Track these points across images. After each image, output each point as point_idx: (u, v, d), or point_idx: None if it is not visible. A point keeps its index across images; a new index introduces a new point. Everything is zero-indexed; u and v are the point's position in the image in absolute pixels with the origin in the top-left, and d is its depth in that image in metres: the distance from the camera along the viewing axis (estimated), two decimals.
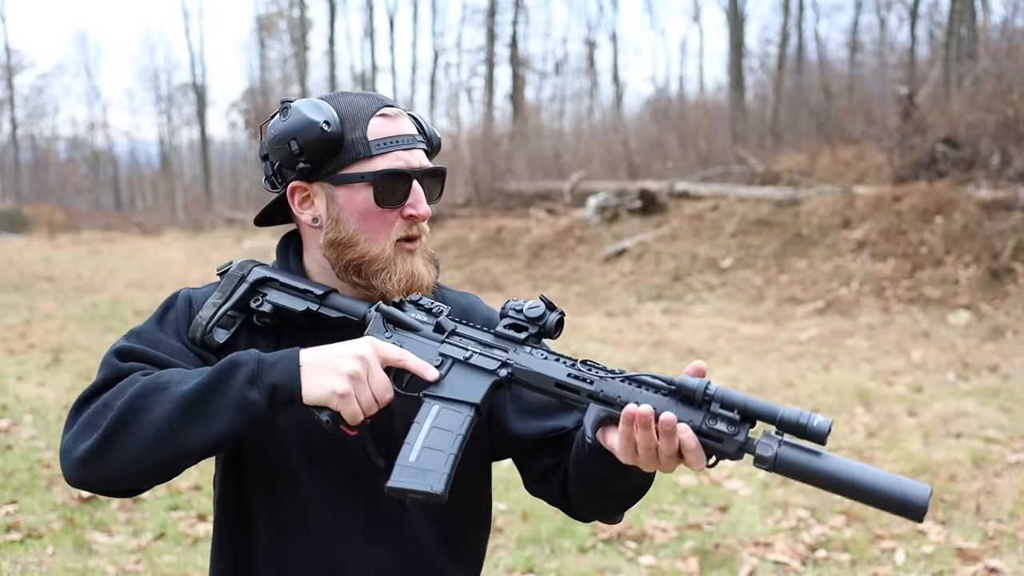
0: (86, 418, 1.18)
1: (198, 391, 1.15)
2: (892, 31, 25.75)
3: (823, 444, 1.06)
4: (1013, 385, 6.40)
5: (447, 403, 1.22)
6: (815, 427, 1.06)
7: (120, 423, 1.14)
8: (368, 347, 1.19)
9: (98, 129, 48.59)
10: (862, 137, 14.19)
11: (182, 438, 1.14)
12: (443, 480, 1.16)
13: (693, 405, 1.12)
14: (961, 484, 4.53)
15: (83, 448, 1.15)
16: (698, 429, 1.11)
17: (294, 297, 1.33)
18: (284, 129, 1.29)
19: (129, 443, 1.14)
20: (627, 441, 1.14)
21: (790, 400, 6.25)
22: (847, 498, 1.06)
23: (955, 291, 9.27)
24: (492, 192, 17.66)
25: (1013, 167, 10.19)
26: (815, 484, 1.06)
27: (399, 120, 1.33)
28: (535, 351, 1.24)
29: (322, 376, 1.16)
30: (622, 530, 4.07)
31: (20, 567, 3.72)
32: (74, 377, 7.28)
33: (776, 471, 1.08)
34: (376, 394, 1.18)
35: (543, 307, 1.25)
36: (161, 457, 1.15)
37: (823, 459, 1.06)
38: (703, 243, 12.24)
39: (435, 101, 34.24)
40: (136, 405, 1.15)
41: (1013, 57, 11.50)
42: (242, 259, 1.41)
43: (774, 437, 1.08)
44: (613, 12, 50.78)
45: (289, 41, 38.61)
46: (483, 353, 1.25)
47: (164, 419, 1.14)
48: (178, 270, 16.70)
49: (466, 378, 1.24)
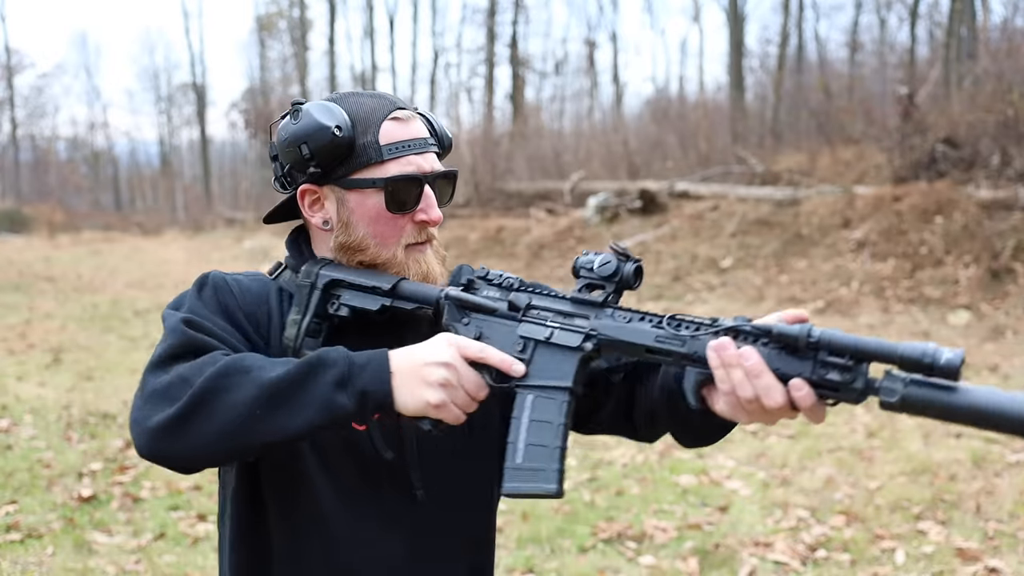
0: (161, 389, 1.13)
1: (284, 381, 1.12)
2: (892, 31, 25.76)
3: (951, 384, 0.95)
4: (1013, 385, 6.40)
5: (540, 391, 1.18)
6: (944, 365, 0.94)
7: (201, 401, 1.11)
8: (450, 350, 1.16)
9: (98, 129, 48.60)
10: (862, 137, 14.18)
11: (263, 426, 1.12)
12: (555, 477, 1.15)
13: (798, 354, 1.03)
14: (961, 484, 4.53)
15: (159, 419, 1.11)
16: (811, 382, 1.02)
17: (366, 295, 1.29)
18: (295, 132, 1.26)
19: (209, 422, 1.11)
20: (733, 406, 1.08)
21: None
22: (989, 431, 0.96)
23: (955, 291, 9.27)
24: (492, 192, 17.65)
25: (1013, 167, 10.18)
26: (951, 420, 0.96)
27: (411, 123, 1.32)
28: (617, 314, 1.17)
29: (414, 387, 1.14)
30: (622, 530, 4.07)
31: (20, 567, 3.72)
32: (74, 377, 7.28)
33: (905, 412, 0.98)
34: (471, 393, 1.17)
35: (615, 262, 1.18)
36: (240, 442, 1.13)
37: (959, 393, 0.95)
38: (703, 243, 12.24)
39: (435, 101, 34.23)
40: (218, 385, 1.11)
41: (1013, 57, 11.49)
42: (297, 260, 1.36)
43: (898, 377, 0.97)
44: (613, 12, 50.82)
45: (289, 41, 38.58)
46: (564, 327, 1.19)
47: (246, 404, 1.11)
48: (178, 270, 16.69)
49: (553, 359, 1.18)
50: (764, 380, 1.04)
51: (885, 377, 0.98)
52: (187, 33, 64.42)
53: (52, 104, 48.33)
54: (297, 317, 1.30)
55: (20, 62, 45.76)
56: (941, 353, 0.94)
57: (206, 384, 1.11)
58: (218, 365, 1.13)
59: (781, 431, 5.59)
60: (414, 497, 1.32)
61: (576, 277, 1.21)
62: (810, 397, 1.02)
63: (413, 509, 1.33)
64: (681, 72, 37.72)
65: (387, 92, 1.36)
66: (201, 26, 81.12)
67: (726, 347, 1.05)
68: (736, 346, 1.06)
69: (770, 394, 1.04)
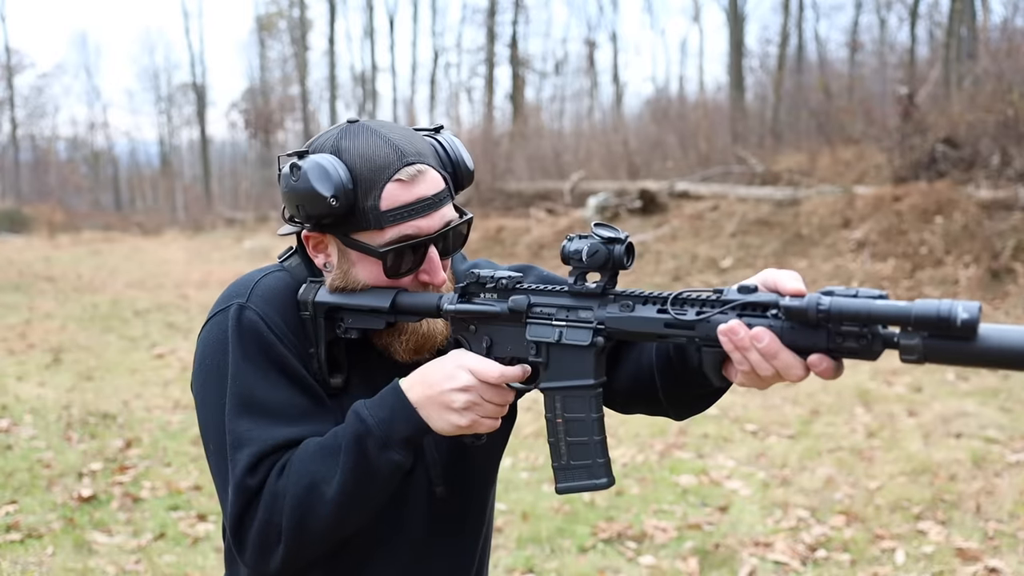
0: (255, 540, 1.19)
1: (348, 485, 1.16)
2: (892, 31, 25.78)
3: (973, 338, 0.91)
4: (1013, 385, 6.40)
5: (567, 392, 1.19)
6: (962, 325, 0.89)
7: (295, 536, 1.17)
8: (464, 375, 1.17)
9: (98, 129, 48.59)
10: (862, 137, 14.17)
11: (355, 523, 1.22)
12: (603, 470, 1.18)
13: (810, 325, 0.99)
14: (961, 484, 4.53)
15: (275, 565, 1.20)
16: (828, 351, 0.99)
17: (368, 316, 1.28)
18: (293, 190, 1.23)
19: (312, 545, 1.19)
20: (754, 381, 1.07)
21: (789, 400, 6.25)
22: (1012, 370, 0.93)
23: (955, 291, 9.27)
24: (492, 192, 17.64)
25: (1013, 167, 10.18)
26: (972, 366, 0.93)
27: (417, 183, 1.24)
28: (621, 300, 1.15)
29: (441, 414, 1.17)
30: (622, 530, 4.07)
31: (20, 567, 3.72)
32: (74, 377, 7.28)
33: (928, 362, 0.95)
34: (499, 404, 1.19)
35: (603, 249, 1.13)
36: (344, 535, 1.24)
37: (978, 341, 0.91)
38: (703, 243, 12.24)
39: (435, 101, 34.26)
40: (300, 518, 1.17)
41: (1013, 57, 11.48)
42: (304, 259, 1.36)
43: (917, 332, 0.93)
44: (613, 12, 50.81)
45: (289, 41, 38.61)
46: (572, 324, 1.17)
47: (332, 519, 1.18)
48: (178, 270, 16.69)
49: (569, 358, 1.18)
50: (782, 359, 1.01)
51: (903, 333, 0.95)
52: (187, 33, 64.44)
53: (52, 104, 48.39)
54: (313, 350, 1.29)
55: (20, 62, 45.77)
56: (957, 313, 0.89)
57: (291, 522, 1.17)
58: (289, 496, 1.17)
59: (781, 431, 5.59)
60: (433, 494, 1.34)
61: (564, 261, 1.18)
62: (830, 369, 1.00)
63: (432, 505, 1.35)
64: (681, 72, 37.72)
65: (405, 135, 1.28)
66: (201, 26, 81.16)
67: (736, 331, 1.02)
68: (747, 325, 1.03)
69: (790, 371, 1.02)
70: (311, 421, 1.24)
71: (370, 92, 36.09)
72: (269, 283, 1.30)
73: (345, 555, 1.31)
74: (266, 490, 1.18)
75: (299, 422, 1.23)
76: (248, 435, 1.20)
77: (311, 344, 1.29)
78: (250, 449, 1.19)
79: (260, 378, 1.22)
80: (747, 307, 1.05)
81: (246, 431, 1.20)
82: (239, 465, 1.19)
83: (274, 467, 1.19)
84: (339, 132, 1.27)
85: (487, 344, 1.23)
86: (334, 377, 1.29)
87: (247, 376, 1.22)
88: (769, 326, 1.02)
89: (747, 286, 1.05)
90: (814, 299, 0.98)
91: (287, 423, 1.22)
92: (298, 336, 1.28)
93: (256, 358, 1.23)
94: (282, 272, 1.34)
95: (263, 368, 1.23)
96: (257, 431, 1.20)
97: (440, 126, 1.37)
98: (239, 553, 1.22)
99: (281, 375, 1.24)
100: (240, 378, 1.22)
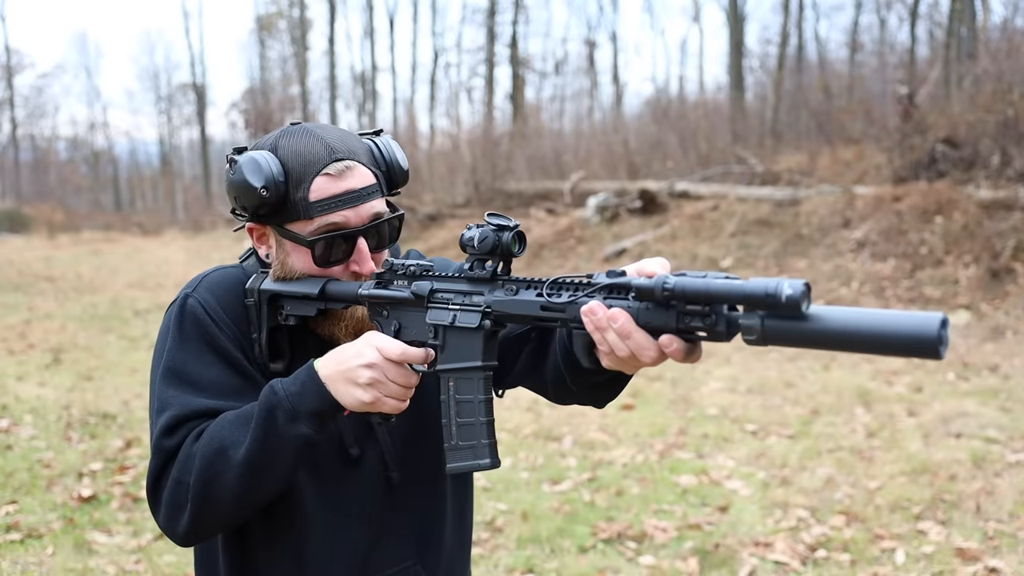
0: (167, 499, 1.25)
1: (253, 449, 1.21)
2: (892, 31, 25.77)
3: (800, 316, 0.93)
4: (1013, 385, 6.40)
5: (457, 373, 1.25)
6: (786, 303, 0.93)
7: (202, 497, 1.22)
8: (371, 351, 1.22)
9: (98, 129, 48.58)
10: (862, 137, 14.17)
11: (261, 492, 1.25)
12: (487, 451, 1.23)
13: (662, 306, 1.04)
14: (961, 484, 4.53)
15: (183, 526, 1.25)
16: (678, 331, 1.03)
17: (302, 303, 1.36)
18: (231, 183, 1.32)
19: (218, 509, 1.24)
20: (616, 362, 1.12)
21: (789, 400, 6.25)
22: (849, 352, 0.95)
23: (955, 291, 9.27)
24: (492, 192, 17.63)
25: (1013, 167, 10.18)
26: (816, 348, 0.95)
27: (345, 177, 1.31)
28: (508, 285, 1.21)
29: (348, 389, 1.22)
30: (622, 530, 4.07)
31: (20, 567, 3.72)
32: (74, 377, 7.28)
33: (770, 344, 0.98)
34: (402, 384, 1.23)
35: (491, 236, 1.20)
36: (252, 505, 1.27)
37: (814, 321, 0.93)
38: (703, 243, 12.24)
39: (435, 101, 34.24)
40: (207, 479, 1.22)
41: (1013, 57, 11.48)
42: (246, 278, 1.42)
43: (757, 313, 0.97)
44: (613, 12, 50.79)
45: (289, 41, 38.60)
46: (464, 307, 1.24)
47: (239, 485, 1.22)
48: (178, 270, 16.69)
49: (461, 340, 1.25)
50: (635, 339, 1.06)
51: (744, 315, 0.98)
52: (187, 33, 64.42)
53: (52, 104, 48.42)
54: (255, 336, 1.37)
55: (20, 62, 45.82)
56: (782, 290, 0.92)
57: (197, 482, 1.22)
58: (196, 459, 1.23)
59: (781, 431, 5.59)
60: (389, 479, 1.41)
61: (464, 252, 1.24)
62: (680, 350, 1.04)
63: (390, 491, 1.41)
64: (681, 72, 37.62)
65: (339, 136, 1.35)
66: (201, 26, 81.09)
67: (595, 311, 1.08)
68: (607, 307, 1.07)
69: (643, 352, 1.06)
70: (238, 400, 1.30)
71: (370, 92, 36.10)
72: (217, 276, 1.40)
73: (290, 539, 1.37)
74: (181, 451, 1.25)
75: (225, 398, 1.30)
76: (171, 400, 1.28)
77: (255, 330, 1.36)
78: (170, 412, 1.27)
79: (193, 358, 1.31)
80: (612, 289, 1.09)
81: (170, 397, 1.28)
82: (158, 426, 1.27)
83: (192, 432, 1.26)
84: (279, 132, 1.36)
85: (395, 328, 1.30)
86: (275, 362, 1.36)
87: (180, 353, 1.31)
88: (627, 307, 1.07)
89: (616, 271, 1.11)
90: (661, 279, 1.02)
91: (211, 396, 1.29)
92: (239, 323, 1.36)
93: (192, 339, 1.32)
94: (235, 268, 1.44)
95: (197, 349, 1.32)
96: (180, 398, 1.28)
97: (380, 130, 1.45)
98: (154, 513, 1.28)
99: (215, 356, 1.32)
100: (173, 353, 1.31)
